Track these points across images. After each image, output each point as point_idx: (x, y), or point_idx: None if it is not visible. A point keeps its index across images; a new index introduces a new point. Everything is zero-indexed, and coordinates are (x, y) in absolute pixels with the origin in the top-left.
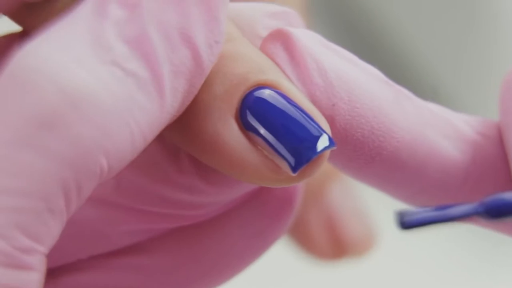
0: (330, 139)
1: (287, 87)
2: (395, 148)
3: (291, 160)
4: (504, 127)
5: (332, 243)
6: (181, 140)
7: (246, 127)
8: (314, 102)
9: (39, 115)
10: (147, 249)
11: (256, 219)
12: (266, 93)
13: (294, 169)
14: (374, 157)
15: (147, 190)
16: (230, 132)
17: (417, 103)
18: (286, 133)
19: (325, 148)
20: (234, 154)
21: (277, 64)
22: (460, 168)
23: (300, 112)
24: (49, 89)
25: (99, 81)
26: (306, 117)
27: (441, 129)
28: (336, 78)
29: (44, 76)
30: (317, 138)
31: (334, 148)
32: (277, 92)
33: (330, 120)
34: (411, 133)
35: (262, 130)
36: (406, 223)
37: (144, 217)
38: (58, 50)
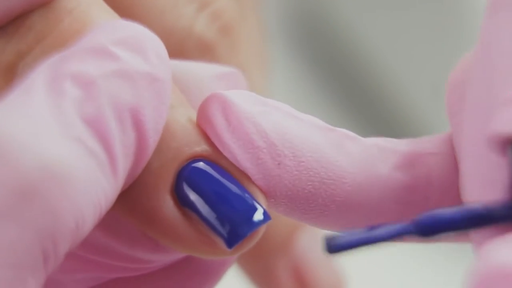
0: (265, 213)
1: (222, 160)
2: (347, 193)
3: (226, 236)
4: (453, 128)
5: None
6: (120, 210)
7: (182, 203)
8: (259, 164)
9: (19, 186)
10: None
11: (195, 276)
12: (201, 166)
13: (230, 245)
14: (328, 205)
15: (110, 247)
16: (166, 209)
17: (363, 143)
18: (221, 206)
19: (260, 223)
20: (169, 229)
21: (216, 131)
22: (418, 192)
23: (235, 186)
24: (26, 161)
25: (70, 155)
26: (242, 191)
27: (391, 161)
28: (278, 137)
29: (19, 145)
30: (252, 212)
31: (270, 220)
32: (212, 165)
33: (278, 179)
34: (361, 174)
35: (197, 204)
36: (334, 247)
37: (99, 267)
38: (25, 122)
